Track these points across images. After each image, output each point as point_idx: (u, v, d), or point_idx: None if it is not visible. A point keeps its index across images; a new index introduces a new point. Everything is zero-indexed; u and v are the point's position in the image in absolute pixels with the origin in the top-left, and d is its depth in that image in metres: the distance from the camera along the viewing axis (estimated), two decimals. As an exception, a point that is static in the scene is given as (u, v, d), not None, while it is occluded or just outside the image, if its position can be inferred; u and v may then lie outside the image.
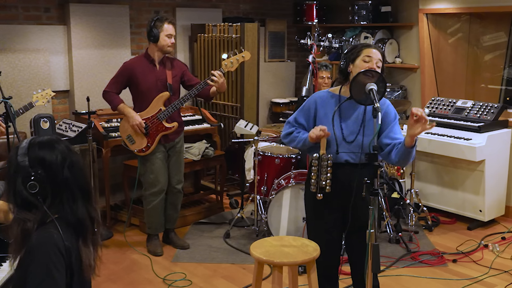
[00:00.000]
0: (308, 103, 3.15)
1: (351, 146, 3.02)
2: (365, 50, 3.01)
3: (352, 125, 3.04)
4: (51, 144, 2.09)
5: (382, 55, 3.04)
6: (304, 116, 3.15)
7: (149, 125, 4.55)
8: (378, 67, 2.98)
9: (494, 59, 6.28)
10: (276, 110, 7.15)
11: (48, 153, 2.06)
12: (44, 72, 5.45)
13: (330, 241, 3.15)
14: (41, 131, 4.72)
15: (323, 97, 3.12)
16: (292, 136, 3.15)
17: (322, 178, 2.98)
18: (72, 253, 2.02)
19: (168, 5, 6.39)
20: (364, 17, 6.63)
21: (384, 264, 4.45)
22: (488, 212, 5.26)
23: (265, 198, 4.95)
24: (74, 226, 2.06)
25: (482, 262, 4.57)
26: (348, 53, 3.07)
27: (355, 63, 3.01)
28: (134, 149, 4.60)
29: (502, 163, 5.36)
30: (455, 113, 5.60)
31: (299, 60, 7.62)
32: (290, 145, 3.20)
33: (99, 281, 4.17)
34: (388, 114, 3.07)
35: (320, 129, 2.95)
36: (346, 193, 2.99)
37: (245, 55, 4.61)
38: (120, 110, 4.60)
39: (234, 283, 4.22)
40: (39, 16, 5.47)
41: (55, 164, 2.05)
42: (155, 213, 4.73)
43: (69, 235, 2.03)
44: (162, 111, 4.54)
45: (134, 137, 4.58)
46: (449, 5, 5.86)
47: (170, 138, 4.66)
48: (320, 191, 3.00)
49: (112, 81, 4.63)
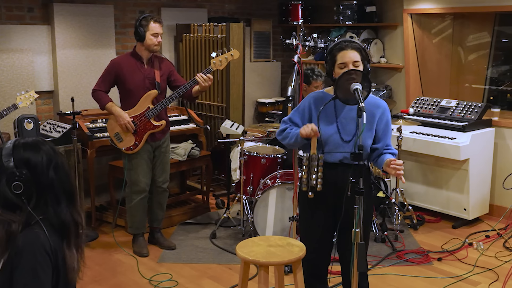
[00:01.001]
0: (303, 103, 3.18)
1: (348, 146, 3.03)
2: (339, 56, 3.02)
3: (348, 124, 3.06)
4: (36, 145, 2.08)
5: (359, 50, 3.02)
6: (299, 116, 3.18)
7: (137, 123, 4.54)
8: (356, 68, 2.98)
9: (478, 59, 6.34)
10: (262, 110, 7.16)
11: (33, 154, 2.05)
12: (28, 72, 5.41)
13: (321, 240, 3.16)
14: (25, 132, 4.68)
15: (318, 98, 3.14)
16: (285, 133, 3.17)
17: (313, 178, 2.98)
18: (58, 254, 2.01)
19: (153, 5, 6.36)
20: (349, 17, 6.65)
21: (370, 263, 4.47)
22: (472, 211, 5.30)
23: (251, 198, 4.95)
24: (58, 228, 2.05)
25: (466, 260, 4.61)
26: (327, 58, 3.10)
27: (335, 70, 3.06)
28: (122, 147, 4.58)
29: (486, 162, 5.41)
30: (440, 112, 5.64)
31: (285, 60, 7.63)
32: (284, 142, 3.21)
33: (84, 282, 4.14)
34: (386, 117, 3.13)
35: (311, 128, 2.95)
36: (338, 192, 3.00)
37: (234, 54, 4.62)
38: (108, 109, 4.58)
39: (220, 283, 4.22)
40: (22, 16, 5.42)
41: (40, 165, 2.04)
42: (136, 211, 4.72)
43: (55, 237, 2.02)
44: (150, 109, 4.53)
45: (122, 135, 4.56)
46: (433, 5, 5.90)
47: (157, 137, 4.64)
48: (311, 190, 3.01)
49: (100, 80, 4.61)
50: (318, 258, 3.20)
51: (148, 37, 4.47)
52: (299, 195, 3.29)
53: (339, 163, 3.06)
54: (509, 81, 6.08)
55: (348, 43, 3.04)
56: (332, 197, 3.06)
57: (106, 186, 5.52)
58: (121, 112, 4.52)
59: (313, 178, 2.99)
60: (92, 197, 5.22)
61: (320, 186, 3.00)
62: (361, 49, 3.03)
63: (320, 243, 3.17)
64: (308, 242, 3.15)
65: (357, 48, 3.02)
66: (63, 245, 2.06)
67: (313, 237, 3.17)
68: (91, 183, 5.18)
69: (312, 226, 3.19)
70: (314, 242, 3.14)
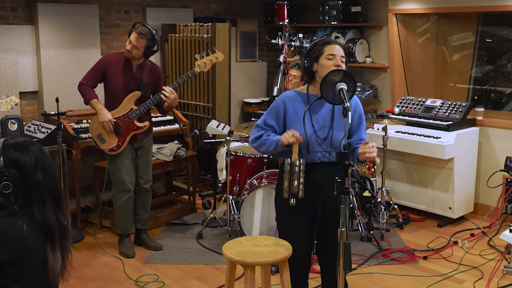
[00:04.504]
0: (277, 103, 3.10)
1: (324, 144, 3.00)
2: (327, 47, 2.98)
3: (322, 120, 3.02)
4: (26, 146, 2.11)
5: (343, 49, 3.01)
6: (273, 117, 3.09)
7: (120, 124, 4.52)
8: (342, 63, 2.97)
9: (462, 58, 6.39)
10: (248, 110, 7.16)
11: (22, 155, 2.08)
12: (12, 72, 5.36)
13: (300, 242, 3.12)
14: (9, 132, 4.64)
15: (291, 97, 3.08)
16: (261, 139, 3.06)
17: (295, 184, 2.93)
18: (34, 251, 2.02)
19: (138, 5, 6.34)
20: (335, 17, 6.67)
21: (355, 262, 4.49)
22: (457, 209, 5.34)
23: (238, 198, 4.94)
24: (42, 229, 2.05)
25: (452, 259, 4.64)
26: (310, 51, 3.03)
27: (319, 62, 2.99)
28: (105, 148, 4.55)
29: (470, 160, 5.46)
30: (425, 112, 5.68)
31: (271, 60, 7.64)
32: (260, 149, 3.09)
33: (70, 284, 4.11)
34: (359, 111, 3.11)
35: (293, 134, 2.89)
36: (317, 192, 2.99)
37: (218, 56, 4.61)
38: (92, 105, 4.54)
39: (207, 283, 4.21)
40: (5, 16, 5.37)
41: (29, 166, 2.07)
42: (123, 211, 4.69)
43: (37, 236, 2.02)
44: (134, 110, 4.51)
45: (105, 136, 4.53)
46: (417, 5, 5.93)
47: (138, 138, 4.62)
48: (292, 197, 2.96)
49: (88, 74, 4.59)
50: (298, 262, 3.15)
51: (127, 43, 4.48)
52: (276, 199, 3.22)
53: (319, 163, 3.02)
54: (493, 80, 6.14)
55: (333, 40, 3.05)
56: (311, 198, 3.01)
57: (91, 187, 5.48)
58: (103, 110, 4.49)
59: (295, 185, 2.92)
60: (77, 198, 5.19)
61: (301, 193, 2.93)
62: (344, 50, 3.04)
63: (300, 246, 3.11)
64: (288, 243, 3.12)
65: (342, 46, 3.03)
66: (47, 246, 2.05)
67: (293, 241, 3.08)
68: (76, 184, 5.14)
69: (291, 229, 3.13)
70: (295, 246, 3.06)
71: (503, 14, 5.77)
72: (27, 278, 2.02)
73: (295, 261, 3.12)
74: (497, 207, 5.19)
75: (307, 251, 3.17)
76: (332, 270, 3.02)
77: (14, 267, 1.99)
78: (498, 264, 4.30)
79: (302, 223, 3.10)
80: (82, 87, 4.56)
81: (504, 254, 4.58)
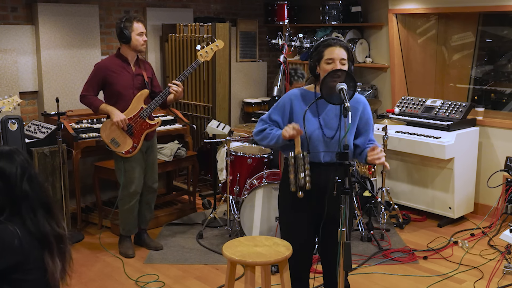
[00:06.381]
0: (283, 100, 3.11)
1: (331, 143, 3.00)
2: (326, 51, 2.97)
3: (330, 121, 3.03)
4: (11, 156, 2.05)
5: (346, 49, 2.99)
6: (279, 113, 3.11)
7: (133, 125, 4.48)
8: (343, 65, 2.95)
9: (462, 58, 6.39)
10: (248, 110, 7.16)
11: (8, 165, 2.02)
12: (12, 72, 5.36)
13: (303, 242, 3.13)
14: (9, 133, 4.64)
15: (298, 95, 3.09)
16: (264, 133, 3.09)
17: (300, 177, 2.94)
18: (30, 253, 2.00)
19: (138, 5, 6.34)
20: (335, 17, 6.67)
21: (356, 262, 4.49)
22: (457, 209, 5.34)
23: (238, 198, 4.94)
24: (37, 237, 2.02)
25: (452, 259, 4.64)
26: (313, 53, 3.05)
27: (320, 65, 3.00)
28: (121, 151, 4.48)
29: (471, 160, 5.45)
30: (425, 112, 5.68)
31: (271, 60, 7.64)
32: (262, 143, 3.13)
33: (70, 284, 4.10)
34: (367, 112, 3.11)
35: (293, 127, 2.91)
36: (322, 192, 2.98)
37: (219, 44, 4.63)
38: (103, 110, 4.48)
39: (207, 283, 4.21)
40: (5, 16, 5.38)
41: (14, 177, 2.02)
42: (129, 214, 4.67)
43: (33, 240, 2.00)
44: (144, 109, 4.49)
45: (119, 139, 4.47)
46: (417, 5, 5.93)
47: (149, 136, 4.61)
48: (300, 190, 2.97)
49: (87, 85, 4.51)
50: (300, 261, 3.16)
51: (134, 38, 4.44)
52: (280, 197, 3.22)
53: (323, 163, 3.02)
54: (493, 80, 6.14)
55: (336, 40, 3.01)
56: (315, 198, 3.02)
57: (92, 187, 5.48)
58: (116, 111, 4.42)
59: (301, 177, 2.94)
60: (77, 198, 5.19)
61: (308, 184, 2.95)
62: (348, 49, 3.01)
63: (302, 246, 3.13)
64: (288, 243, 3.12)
65: (344, 47, 2.99)
66: (45, 254, 2.03)
67: (295, 241, 3.10)
68: (76, 184, 5.14)
69: (294, 229, 3.14)
70: (296, 246, 3.08)
71: (503, 14, 5.77)
72: (28, 282, 2.01)
73: (296, 261, 3.12)
74: (497, 207, 5.19)
75: (308, 251, 3.17)
76: (334, 271, 3.02)
77: (14, 272, 1.98)
78: (498, 264, 4.30)
79: (304, 223, 3.11)
80: (85, 98, 4.49)
81: (504, 254, 4.58)
